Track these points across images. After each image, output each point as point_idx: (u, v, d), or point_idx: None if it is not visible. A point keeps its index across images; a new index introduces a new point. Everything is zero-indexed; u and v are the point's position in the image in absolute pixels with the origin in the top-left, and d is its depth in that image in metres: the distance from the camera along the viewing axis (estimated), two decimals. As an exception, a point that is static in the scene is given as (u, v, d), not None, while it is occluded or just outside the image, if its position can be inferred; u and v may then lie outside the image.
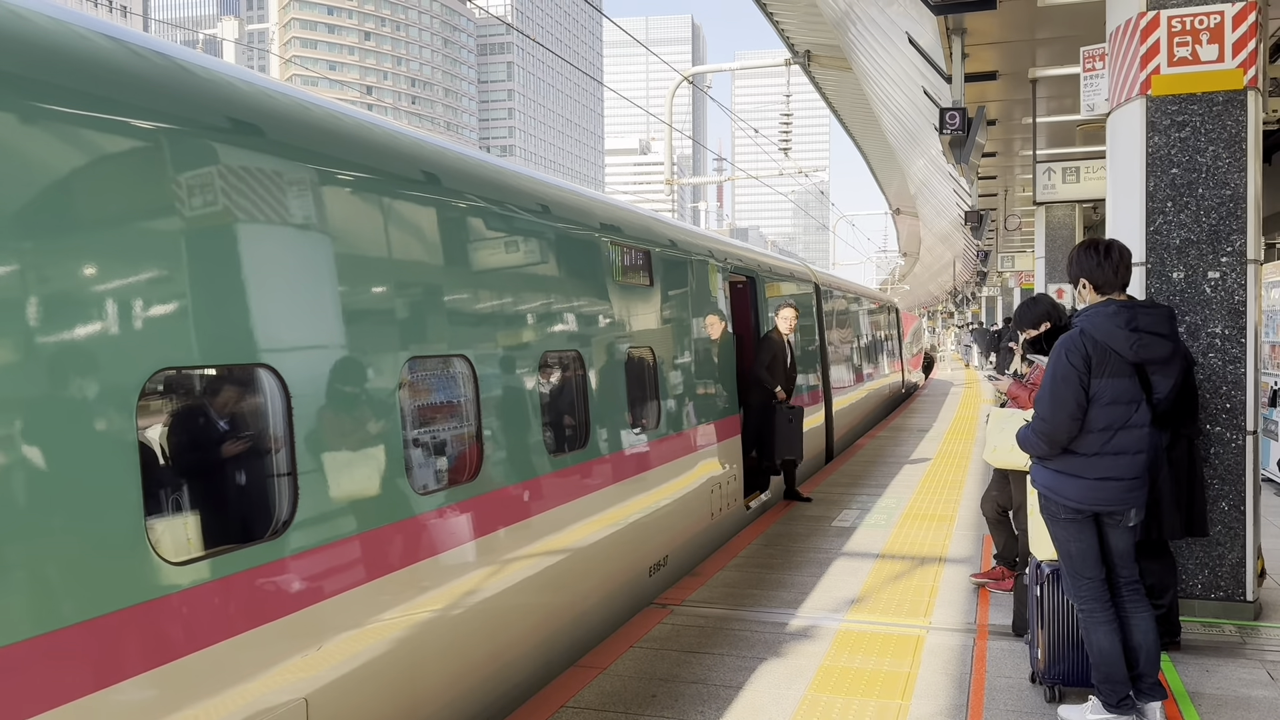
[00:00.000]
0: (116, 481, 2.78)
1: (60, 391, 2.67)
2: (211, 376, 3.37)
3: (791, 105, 34.33)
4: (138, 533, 2.82)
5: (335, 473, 3.64)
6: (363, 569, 3.74)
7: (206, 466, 3.41)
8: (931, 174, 24.91)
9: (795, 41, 21.05)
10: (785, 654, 5.36)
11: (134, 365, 2.87)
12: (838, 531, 8.45)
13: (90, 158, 2.83)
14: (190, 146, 3.14)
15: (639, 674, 5.09)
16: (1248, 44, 5.64)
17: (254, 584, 3.21)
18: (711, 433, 8.14)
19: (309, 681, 3.42)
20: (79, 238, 2.76)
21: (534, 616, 5.03)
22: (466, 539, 4.45)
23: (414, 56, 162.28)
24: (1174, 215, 5.79)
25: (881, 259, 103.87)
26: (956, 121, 9.13)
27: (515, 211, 5.21)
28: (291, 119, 3.73)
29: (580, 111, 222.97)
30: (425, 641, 4.09)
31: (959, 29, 9.18)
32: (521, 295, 5.20)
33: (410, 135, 4.68)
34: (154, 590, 2.85)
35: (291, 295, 3.53)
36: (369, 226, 4.01)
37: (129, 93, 3.00)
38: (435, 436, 4.58)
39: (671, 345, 7.43)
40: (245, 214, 3.34)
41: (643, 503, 6.54)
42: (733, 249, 9.89)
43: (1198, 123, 5.75)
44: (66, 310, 2.70)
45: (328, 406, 3.64)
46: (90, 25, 3.05)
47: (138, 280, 2.91)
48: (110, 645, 2.71)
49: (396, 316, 4.11)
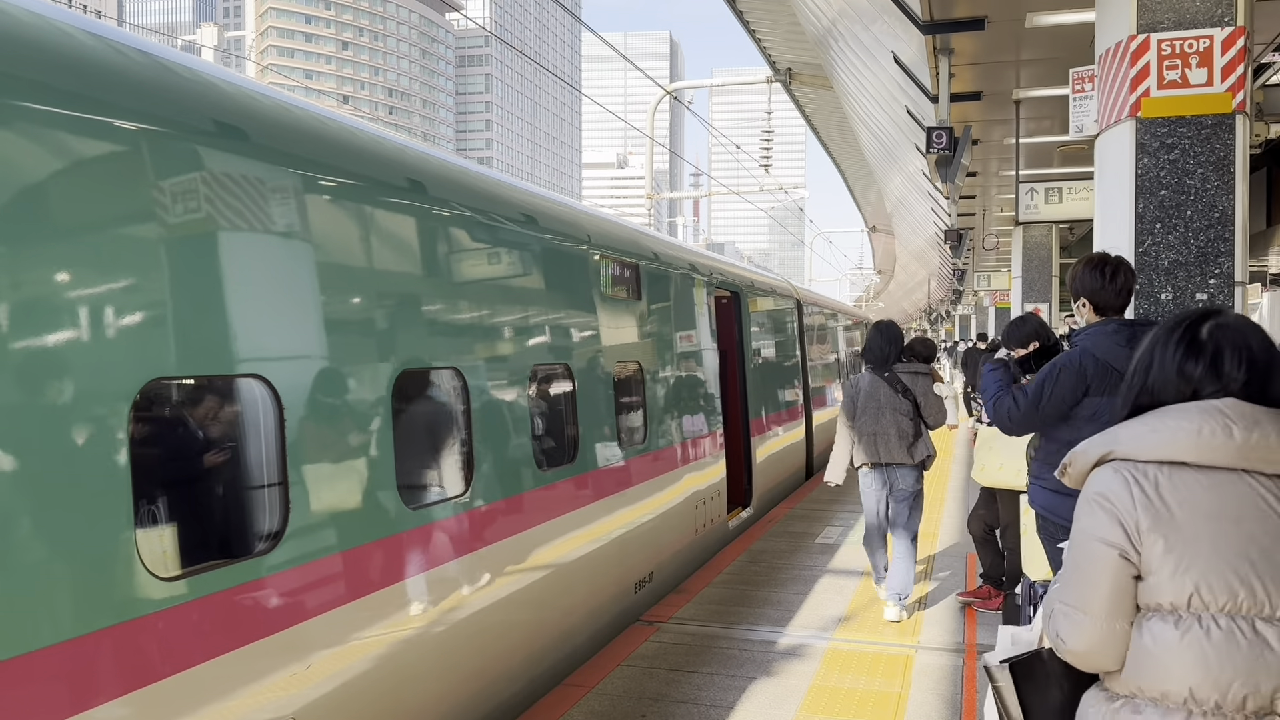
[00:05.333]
0: (106, 495, 2.69)
1: (49, 402, 2.58)
2: (203, 387, 3.29)
3: (770, 122, 34.47)
4: (128, 548, 2.73)
5: (328, 487, 3.56)
6: (356, 585, 3.66)
7: (199, 480, 3.32)
8: (908, 191, 25.11)
9: (777, 59, 21.19)
10: (775, 673, 5.31)
11: (125, 375, 2.78)
12: (821, 548, 8.42)
13: (78, 159, 2.74)
14: (180, 150, 3.06)
15: (628, 693, 5.02)
16: (1236, 68, 5.70)
17: (246, 600, 3.12)
18: (696, 448, 8.10)
19: (296, 699, 3.33)
20: (69, 243, 2.68)
21: (522, 633, 4.95)
22: (461, 553, 4.37)
23: (391, 67, 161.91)
24: (1163, 237, 5.83)
25: (856, 276, 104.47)
26: (943, 141, 9.17)
27: (509, 224, 5.16)
28: (295, 127, 3.66)
29: (558, 125, 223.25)
30: (414, 658, 4.00)
31: (946, 49, 9.23)
32: (513, 308, 5.14)
33: (415, 147, 4.63)
34: (145, 607, 2.76)
35: (285, 305, 3.46)
36: (386, 237, 3.94)
37: (119, 93, 2.92)
38: (427, 450, 4.51)
39: (658, 360, 7.38)
40: (246, 221, 3.26)
41: (629, 517, 6.48)
42: (717, 264, 9.88)
43: (1187, 145, 5.79)
44: (57, 319, 2.61)
45: (321, 419, 3.56)
46: (73, 21, 2.97)
47: (129, 288, 2.83)
48: (97, 664, 2.62)
49: (388, 330, 4.04)
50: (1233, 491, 1.90)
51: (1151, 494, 1.92)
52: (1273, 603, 1.83)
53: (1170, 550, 1.88)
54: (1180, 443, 1.93)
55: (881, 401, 6.30)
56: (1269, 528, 1.87)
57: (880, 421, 6.29)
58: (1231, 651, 1.83)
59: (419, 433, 4.53)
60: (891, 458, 6.29)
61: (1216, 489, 1.91)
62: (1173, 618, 1.88)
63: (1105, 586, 1.93)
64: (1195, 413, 1.94)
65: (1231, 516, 1.88)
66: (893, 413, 6.27)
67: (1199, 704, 1.85)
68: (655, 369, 7.28)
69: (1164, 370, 2.04)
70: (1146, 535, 1.90)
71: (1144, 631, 1.91)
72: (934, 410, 6.35)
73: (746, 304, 10.37)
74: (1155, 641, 1.89)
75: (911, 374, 6.39)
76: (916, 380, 6.37)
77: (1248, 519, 1.88)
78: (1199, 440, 1.91)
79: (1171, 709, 1.87)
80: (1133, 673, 1.93)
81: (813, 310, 15.05)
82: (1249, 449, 1.89)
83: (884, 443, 6.29)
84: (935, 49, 9.25)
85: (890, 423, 6.27)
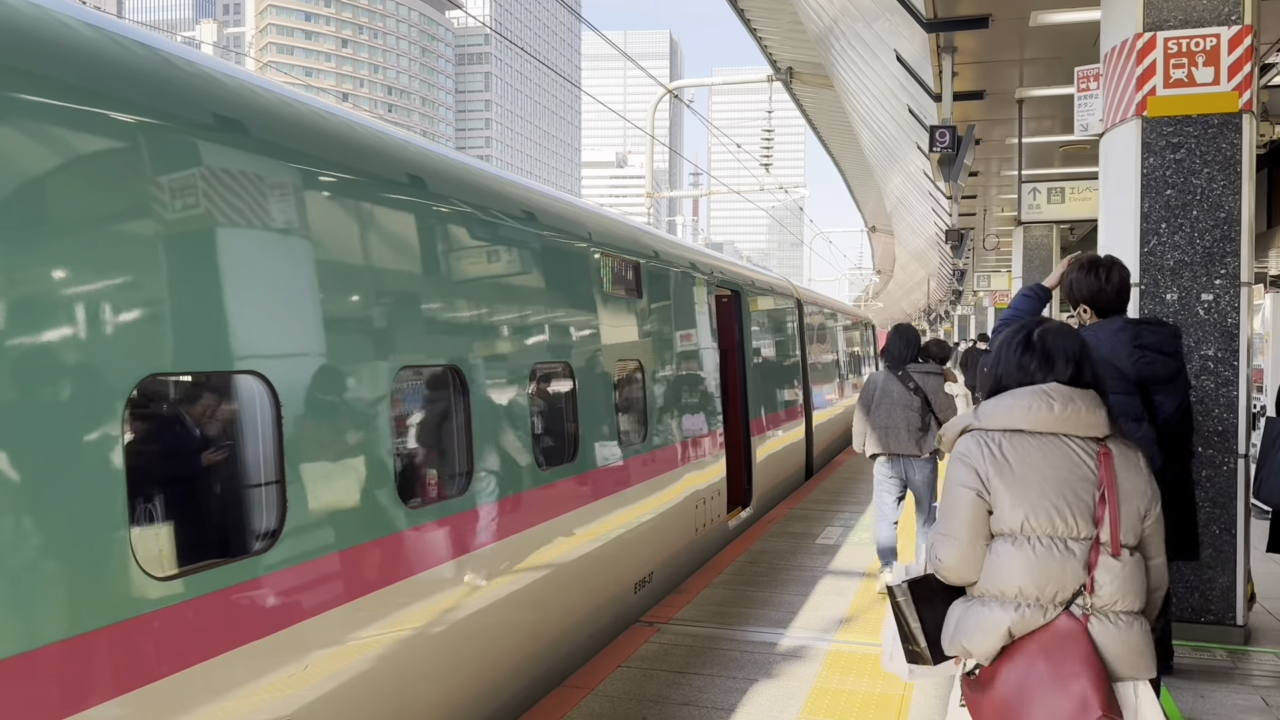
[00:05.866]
0: (100, 492, 2.65)
1: (42, 398, 2.53)
2: (200, 384, 3.24)
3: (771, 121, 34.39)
4: (122, 546, 2.68)
5: (325, 486, 3.51)
6: (353, 585, 3.61)
7: (194, 477, 3.27)
8: (909, 191, 25.07)
9: (778, 58, 21.14)
10: (776, 675, 5.26)
11: (121, 371, 2.73)
12: (822, 549, 8.38)
13: (71, 152, 2.70)
14: (175, 142, 3.01)
15: (629, 695, 4.97)
16: (1243, 67, 5.65)
17: (242, 599, 3.07)
18: (696, 447, 8.05)
19: (293, 699, 3.28)
20: (63, 237, 2.63)
21: (521, 634, 4.90)
22: (460, 553, 4.32)
23: (391, 65, 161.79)
24: (1168, 237, 5.78)
25: (855, 275, 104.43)
26: (946, 139, 9.12)
27: (509, 221, 5.11)
28: (293, 121, 3.61)
29: (557, 123, 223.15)
30: (412, 660, 3.95)
31: (949, 47, 9.18)
32: (513, 306, 5.09)
33: (415, 142, 4.58)
34: (139, 606, 2.71)
35: (283, 301, 3.41)
36: (385, 233, 3.89)
37: (119, 85, 2.87)
38: (425, 448, 4.46)
39: (658, 359, 7.34)
40: (243, 215, 3.21)
41: (629, 516, 6.44)
42: (718, 262, 9.83)
43: (1193, 145, 5.74)
44: (51, 314, 2.56)
45: (319, 417, 3.51)
46: (74, 13, 2.92)
47: (124, 283, 2.78)
48: (89, 665, 2.57)
49: (386, 327, 3.99)
50: (1053, 449, 2.65)
51: (996, 452, 2.66)
52: (1079, 528, 2.60)
53: (1009, 491, 2.62)
54: (1016, 415, 2.69)
55: (894, 398, 6.86)
56: (1078, 475, 2.63)
57: (892, 416, 6.85)
58: (1048, 561, 2.58)
59: (417, 431, 4.49)
60: (901, 449, 6.84)
61: (1042, 448, 2.65)
62: (1011, 539, 2.63)
63: (967, 518, 2.67)
64: (1028, 394, 2.71)
65: (1052, 467, 2.63)
66: (904, 408, 6.82)
67: (1025, 598, 2.60)
68: (655, 368, 7.24)
69: (1008, 365, 2.81)
70: (992, 481, 2.64)
71: (992, 550, 2.67)
72: (944, 407, 6.87)
73: (747, 303, 10.33)
74: (999, 556, 2.64)
75: (924, 373, 6.96)
76: (928, 379, 6.92)
77: (1063, 469, 2.63)
78: (1029, 413, 2.67)
79: (1006, 602, 2.62)
80: (983, 579, 2.67)
81: (813, 310, 15.00)
82: (1065, 418, 2.66)
83: (894, 435, 6.84)
84: (939, 47, 9.20)
85: (901, 418, 6.83)
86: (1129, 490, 2.63)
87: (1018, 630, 2.58)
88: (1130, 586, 2.60)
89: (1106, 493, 2.60)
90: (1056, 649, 2.52)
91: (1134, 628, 2.60)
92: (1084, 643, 2.52)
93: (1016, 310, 4.43)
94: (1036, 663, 2.53)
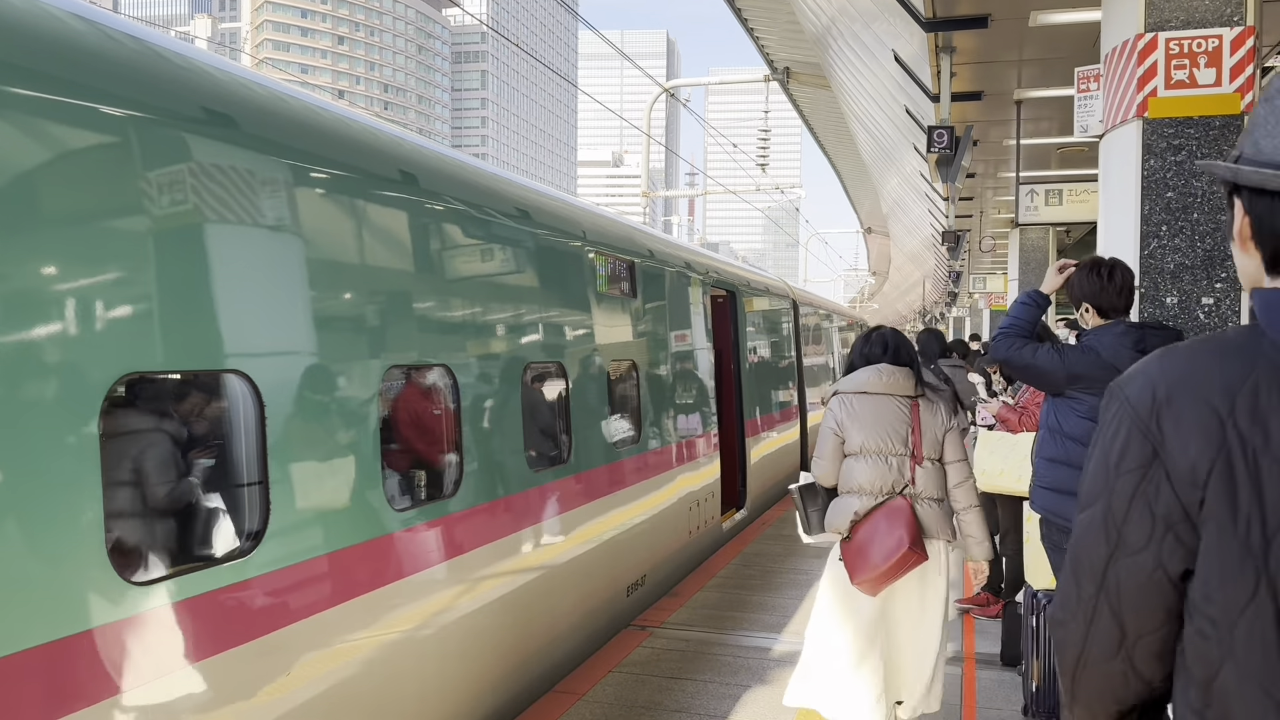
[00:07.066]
0: (76, 493, 2.56)
1: (17, 396, 2.45)
2: (183, 382, 3.16)
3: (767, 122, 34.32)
4: (98, 551, 2.60)
5: (311, 487, 3.43)
6: (339, 588, 3.53)
7: (175, 478, 3.19)
8: (905, 193, 25.02)
9: (775, 58, 21.04)
10: (770, 681, 5.19)
11: (99, 368, 2.65)
12: (816, 551, 8.29)
13: (56, 146, 2.62)
14: (162, 137, 2.93)
15: (620, 701, 4.90)
16: (1245, 68, 5.59)
17: (226, 603, 2.99)
18: (691, 449, 7.98)
19: (279, 703, 3.20)
20: (44, 232, 2.55)
21: (511, 637, 4.82)
22: (450, 556, 4.24)
23: (388, 62, 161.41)
24: (1168, 239, 5.72)
25: (851, 276, 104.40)
26: (944, 140, 9.05)
27: (503, 219, 5.04)
28: (285, 116, 3.53)
29: (554, 122, 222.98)
30: (399, 664, 3.88)
31: (948, 47, 9.11)
32: (505, 305, 5.02)
33: (409, 139, 4.50)
34: (116, 612, 2.63)
35: (269, 299, 3.33)
36: (375, 230, 3.81)
37: (101, 78, 2.79)
38: (414, 449, 4.39)
39: (652, 359, 7.27)
40: (231, 212, 3.13)
41: (621, 519, 6.36)
42: (713, 262, 9.76)
43: (1194, 146, 5.69)
44: (30, 309, 2.48)
45: (305, 417, 3.43)
46: (64, 5, 2.85)
47: (106, 279, 2.70)
48: (65, 672, 2.49)
49: (375, 325, 3.91)
50: (884, 404, 4.11)
51: (849, 406, 4.14)
52: (894, 448, 4.05)
53: (856, 428, 4.08)
54: (861, 382, 4.16)
55: None
56: (899, 418, 4.09)
57: None
58: (879, 467, 4.04)
59: (406, 432, 4.41)
60: None
61: (876, 403, 4.11)
62: (857, 456, 4.09)
63: (831, 446, 4.15)
64: (870, 370, 4.17)
65: (882, 414, 4.09)
66: None
67: (868, 491, 4.04)
68: (650, 368, 7.16)
69: (861, 351, 4.28)
70: (845, 423, 4.12)
71: (846, 465, 4.13)
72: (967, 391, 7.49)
73: (742, 303, 10.26)
74: (850, 468, 4.10)
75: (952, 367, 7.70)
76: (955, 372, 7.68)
77: (887, 414, 4.09)
78: (869, 381, 4.14)
79: (856, 494, 4.06)
80: (842, 482, 4.14)
81: (808, 311, 14.94)
82: (890, 384, 4.13)
83: None
84: (937, 47, 9.12)
85: None
86: (928, 425, 4.10)
87: (861, 510, 4.02)
88: (933, 482, 4.08)
89: (914, 426, 4.08)
90: (890, 515, 3.94)
91: (936, 508, 4.07)
92: (907, 513, 3.94)
93: (1016, 319, 4.35)
94: (879, 523, 3.95)
